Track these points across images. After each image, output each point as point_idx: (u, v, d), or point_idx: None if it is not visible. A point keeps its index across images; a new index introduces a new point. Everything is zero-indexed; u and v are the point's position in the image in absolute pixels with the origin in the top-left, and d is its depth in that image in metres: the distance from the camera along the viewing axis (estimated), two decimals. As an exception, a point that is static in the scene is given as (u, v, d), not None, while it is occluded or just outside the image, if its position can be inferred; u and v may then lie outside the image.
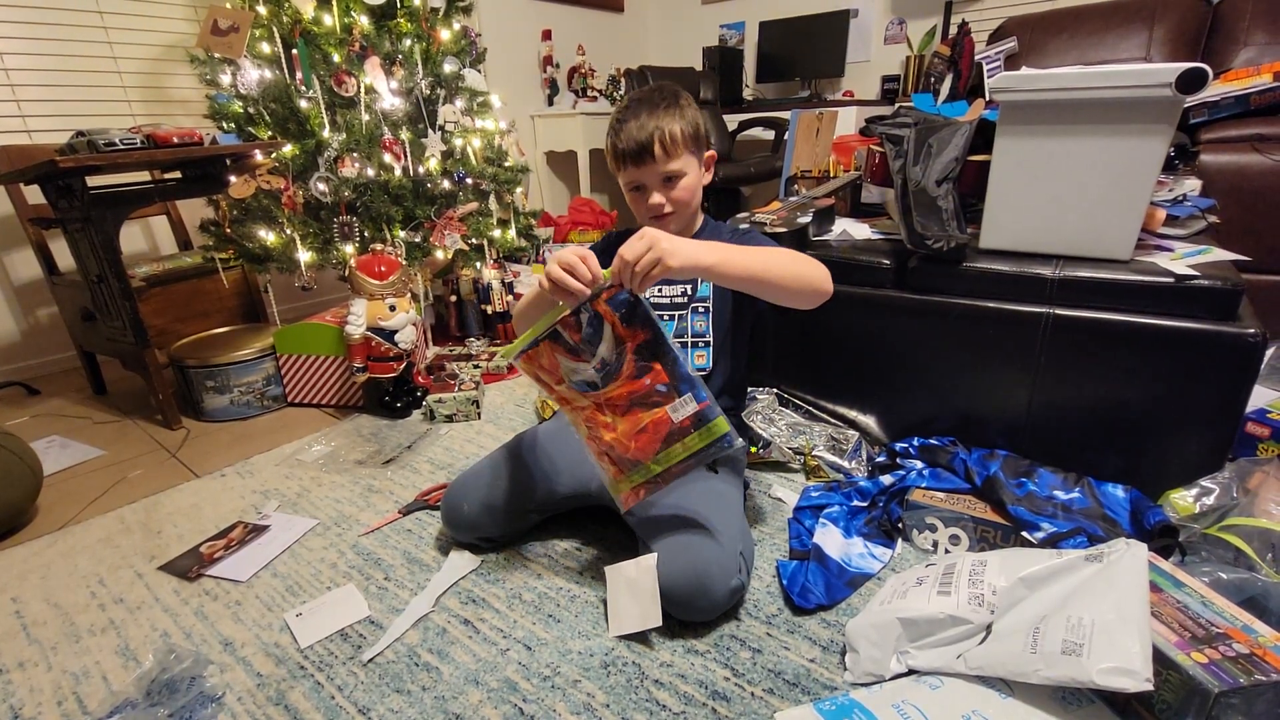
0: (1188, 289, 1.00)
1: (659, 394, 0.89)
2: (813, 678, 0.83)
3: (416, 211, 1.91)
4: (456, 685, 0.85)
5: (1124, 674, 0.61)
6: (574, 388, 0.93)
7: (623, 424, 0.92)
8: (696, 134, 1.03)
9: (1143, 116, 1.00)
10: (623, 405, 0.91)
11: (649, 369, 0.88)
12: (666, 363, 0.88)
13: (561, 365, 0.92)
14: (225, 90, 1.78)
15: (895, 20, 3.36)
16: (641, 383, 0.89)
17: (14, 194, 1.86)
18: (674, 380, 0.88)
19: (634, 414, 0.91)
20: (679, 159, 1.01)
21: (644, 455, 0.92)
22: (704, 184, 1.09)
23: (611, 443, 0.93)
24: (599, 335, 0.88)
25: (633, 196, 1.06)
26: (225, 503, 1.32)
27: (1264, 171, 1.63)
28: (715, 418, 0.89)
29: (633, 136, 0.99)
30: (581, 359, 0.90)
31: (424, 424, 1.64)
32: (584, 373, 0.91)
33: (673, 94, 1.03)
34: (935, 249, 1.14)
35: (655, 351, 0.88)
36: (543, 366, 0.93)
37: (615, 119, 1.02)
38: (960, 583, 0.80)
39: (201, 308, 2.05)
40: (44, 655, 0.94)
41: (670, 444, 0.91)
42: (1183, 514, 0.98)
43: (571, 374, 0.92)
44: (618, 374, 0.89)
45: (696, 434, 0.89)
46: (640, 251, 0.82)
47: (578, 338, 0.89)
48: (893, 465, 1.21)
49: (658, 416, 0.90)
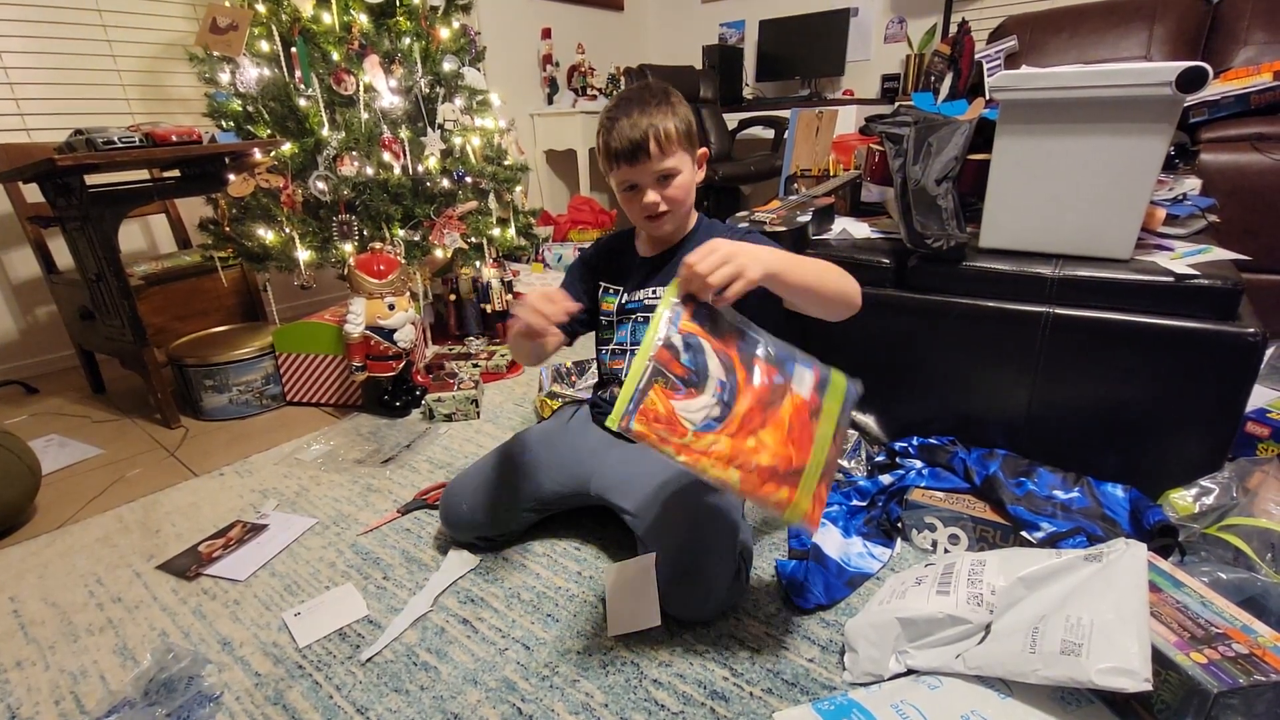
0: (1188, 288, 1.00)
1: (779, 385, 0.81)
2: (811, 677, 0.83)
3: (416, 210, 1.91)
4: (455, 685, 0.85)
5: (1123, 674, 0.61)
6: (700, 430, 0.79)
7: (770, 436, 0.80)
8: (689, 131, 1.02)
9: (1143, 115, 1.00)
10: (759, 417, 0.80)
11: (761, 368, 0.81)
12: (765, 351, 0.81)
13: (678, 411, 0.79)
14: (224, 89, 1.78)
15: (895, 19, 3.36)
16: (762, 385, 0.81)
17: (12, 192, 1.86)
18: (779, 364, 0.81)
19: (773, 419, 0.80)
20: (673, 156, 1.00)
21: (806, 452, 0.81)
22: (697, 181, 1.07)
23: (773, 465, 0.79)
24: (703, 357, 0.79)
25: (625, 196, 1.04)
26: (224, 502, 1.32)
27: (1264, 171, 1.63)
28: (830, 372, 0.82)
29: (626, 135, 0.97)
30: (697, 392, 0.79)
31: (423, 423, 1.64)
32: (706, 406, 0.79)
33: (663, 91, 1.02)
34: (935, 248, 1.13)
35: (754, 348, 0.81)
36: (659, 419, 0.78)
37: (606, 118, 1.01)
38: (959, 582, 0.80)
39: (200, 306, 2.05)
40: (42, 655, 0.94)
41: (818, 424, 0.81)
42: (1182, 514, 0.98)
43: (692, 414, 0.79)
44: (736, 390, 0.80)
45: (827, 399, 0.82)
46: (715, 264, 0.77)
47: (682, 370, 0.79)
48: (892, 465, 1.21)
49: (794, 407, 0.81)
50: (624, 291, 1.12)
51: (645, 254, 1.12)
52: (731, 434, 0.79)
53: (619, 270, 1.14)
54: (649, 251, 1.12)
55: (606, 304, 1.14)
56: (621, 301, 1.11)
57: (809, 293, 0.88)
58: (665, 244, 1.10)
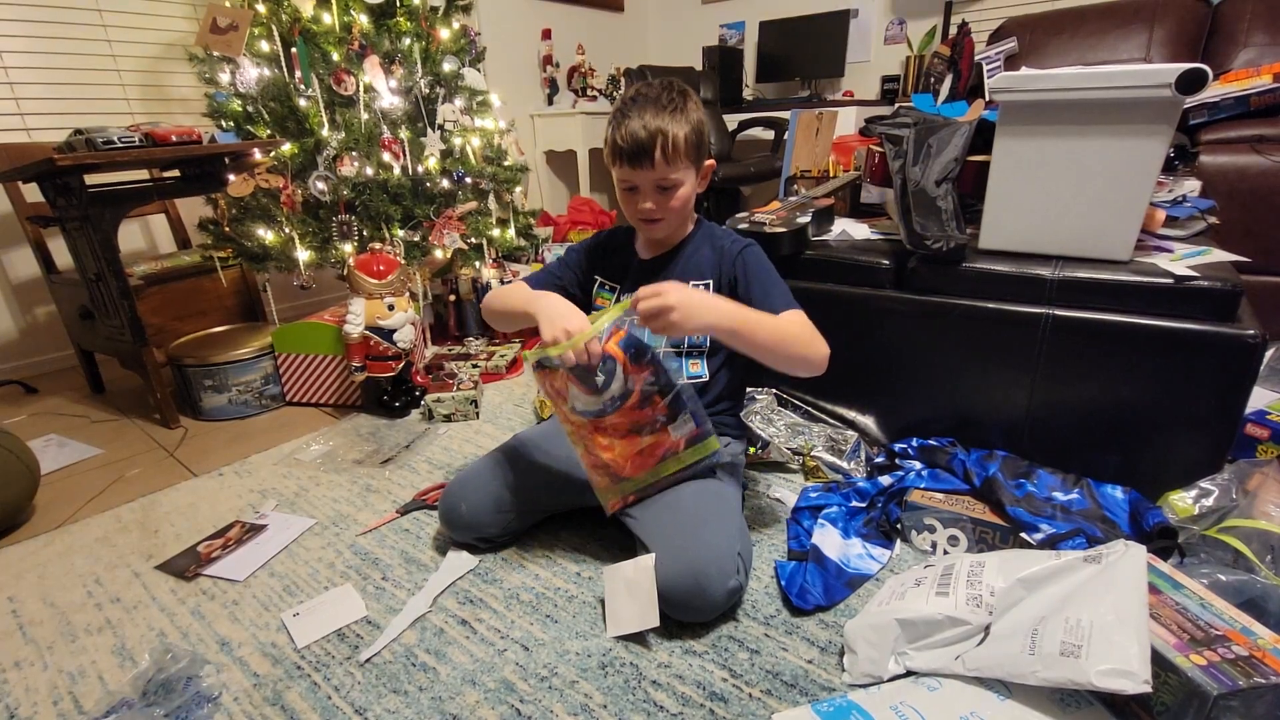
0: (1187, 290, 1.00)
1: (660, 422, 0.93)
2: (811, 679, 0.83)
3: (415, 210, 1.91)
4: (454, 685, 0.85)
5: (1123, 676, 0.61)
6: (578, 413, 0.96)
7: (621, 446, 0.95)
8: (699, 142, 0.99)
9: (1142, 117, 1.00)
10: (623, 430, 0.95)
11: (653, 402, 0.92)
12: (669, 396, 0.92)
13: (571, 392, 0.94)
14: (224, 89, 1.78)
15: (895, 20, 3.36)
16: (644, 413, 0.93)
17: (12, 192, 1.86)
18: (674, 409, 0.93)
19: (633, 438, 0.95)
20: (677, 169, 0.97)
21: (638, 472, 0.96)
22: (699, 190, 1.06)
23: (609, 461, 0.96)
24: (614, 376, 0.91)
25: (625, 195, 1.02)
26: (223, 502, 1.32)
27: (1263, 173, 1.63)
28: (708, 436, 0.94)
29: (633, 135, 0.94)
30: (592, 393, 0.93)
31: (422, 423, 1.64)
32: (592, 405, 0.94)
33: (681, 94, 0.98)
34: (934, 249, 1.13)
35: (661, 388, 0.91)
36: (554, 386, 0.96)
37: (618, 111, 0.98)
38: (958, 584, 0.80)
39: (200, 306, 2.05)
40: (40, 655, 0.94)
41: (664, 460, 0.95)
42: (1182, 515, 0.98)
43: (577, 401, 0.95)
44: (620, 408, 0.93)
45: (690, 450, 0.95)
46: (653, 309, 0.85)
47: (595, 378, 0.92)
48: (891, 466, 1.21)
49: (656, 440, 0.94)
50: (620, 291, 1.12)
51: (643, 256, 1.12)
52: (595, 428, 0.95)
53: (617, 268, 1.14)
54: (647, 254, 1.12)
55: (602, 299, 1.13)
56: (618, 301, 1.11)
57: (758, 351, 0.94)
58: (663, 247, 1.10)
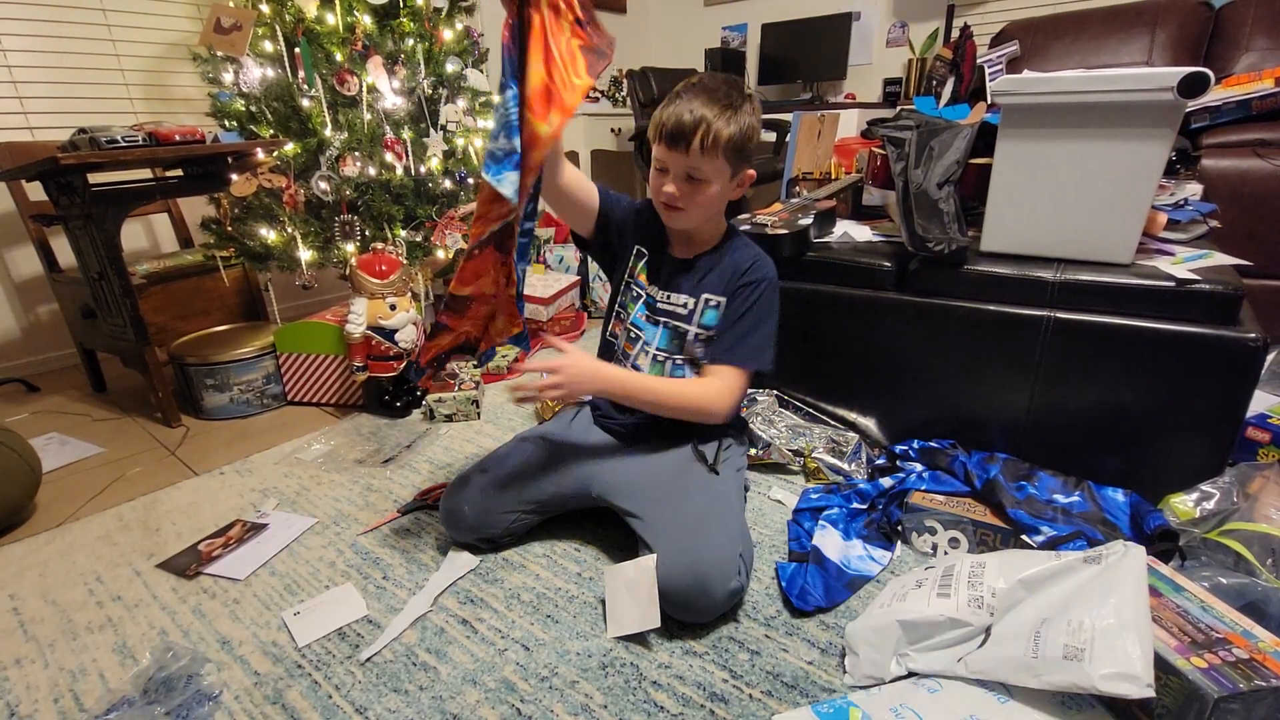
0: (1189, 293, 1.00)
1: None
2: (811, 680, 0.83)
3: (418, 211, 1.91)
4: (454, 685, 0.85)
5: (1126, 679, 0.61)
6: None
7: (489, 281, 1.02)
8: (742, 146, 0.97)
9: (1144, 120, 1.00)
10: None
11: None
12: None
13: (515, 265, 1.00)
14: (227, 88, 1.78)
15: (897, 23, 3.36)
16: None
17: (15, 191, 1.86)
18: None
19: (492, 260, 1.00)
20: (710, 163, 0.96)
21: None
22: (731, 198, 1.04)
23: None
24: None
25: (656, 175, 1.01)
26: (224, 501, 1.32)
27: (1265, 176, 1.63)
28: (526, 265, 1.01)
29: (678, 117, 0.94)
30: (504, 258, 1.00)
31: (423, 423, 1.64)
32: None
33: (740, 95, 0.97)
34: (936, 252, 1.14)
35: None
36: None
37: (676, 91, 0.98)
38: (959, 585, 0.80)
39: (202, 306, 2.05)
40: (41, 653, 0.94)
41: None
42: (1182, 518, 0.98)
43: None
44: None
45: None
46: (545, 382, 0.96)
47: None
48: (892, 468, 1.21)
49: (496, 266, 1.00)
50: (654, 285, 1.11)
51: (676, 253, 1.10)
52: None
53: (655, 249, 1.12)
54: (680, 251, 1.10)
55: (640, 273, 1.12)
56: (649, 294, 1.10)
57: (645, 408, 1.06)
58: (692, 247, 1.09)
